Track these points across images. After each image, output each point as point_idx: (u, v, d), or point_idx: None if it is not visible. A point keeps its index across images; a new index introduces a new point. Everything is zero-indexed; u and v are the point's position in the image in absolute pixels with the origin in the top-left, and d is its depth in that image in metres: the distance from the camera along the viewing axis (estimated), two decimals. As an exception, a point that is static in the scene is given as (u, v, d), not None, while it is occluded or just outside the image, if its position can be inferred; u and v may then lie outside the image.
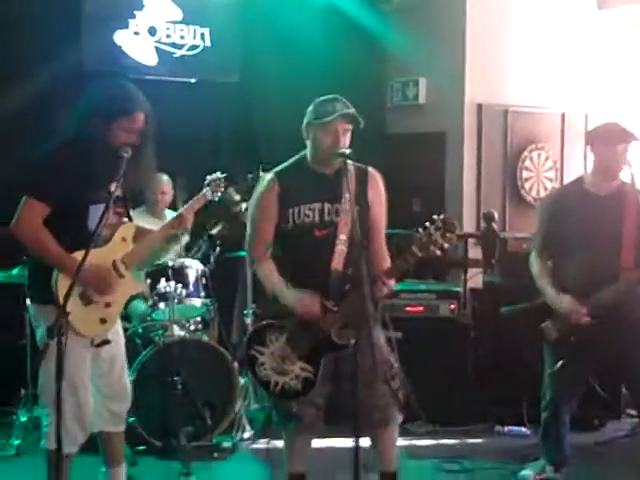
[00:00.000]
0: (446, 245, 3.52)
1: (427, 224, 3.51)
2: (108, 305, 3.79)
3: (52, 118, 5.64)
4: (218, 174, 4.53)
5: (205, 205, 4.45)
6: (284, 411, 3.85)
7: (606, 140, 4.26)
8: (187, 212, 4.16)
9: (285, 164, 3.89)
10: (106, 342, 3.84)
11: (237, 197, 5.43)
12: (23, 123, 5.61)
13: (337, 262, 3.70)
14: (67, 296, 3.22)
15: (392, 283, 3.67)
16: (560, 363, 4.30)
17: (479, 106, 6.90)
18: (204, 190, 4.43)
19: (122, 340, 4.03)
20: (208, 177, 4.52)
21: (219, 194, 4.56)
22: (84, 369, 3.78)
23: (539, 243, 4.47)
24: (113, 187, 3.59)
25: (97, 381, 3.90)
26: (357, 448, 3.25)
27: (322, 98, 3.78)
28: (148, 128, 3.81)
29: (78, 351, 3.64)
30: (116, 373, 3.95)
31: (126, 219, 3.96)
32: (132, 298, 4.67)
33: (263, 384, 3.82)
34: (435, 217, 3.51)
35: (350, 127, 3.71)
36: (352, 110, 3.71)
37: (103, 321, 3.80)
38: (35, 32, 5.69)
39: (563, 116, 7.22)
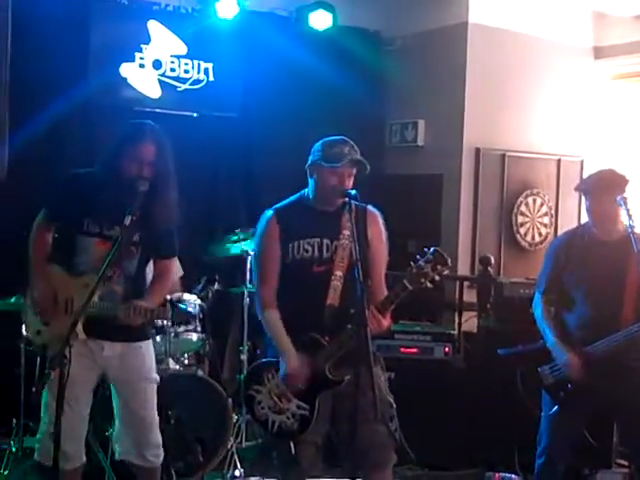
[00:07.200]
0: (437, 278, 3.53)
1: (418, 257, 3.53)
2: (46, 324, 3.85)
3: (60, 148, 5.66)
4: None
5: None
6: (284, 455, 3.79)
7: (600, 189, 4.20)
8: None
9: (285, 201, 3.92)
10: None
11: None
12: (32, 153, 5.58)
13: (332, 298, 3.70)
14: (73, 326, 3.22)
15: (387, 321, 3.65)
16: (556, 408, 4.30)
17: (477, 150, 6.93)
18: (160, 314, 4.00)
19: (136, 375, 4.05)
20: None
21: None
22: (79, 383, 3.76)
23: (544, 285, 4.47)
24: (128, 221, 3.56)
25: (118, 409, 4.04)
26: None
27: (330, 139, 3.80)
28: (161, 164, 3.79)
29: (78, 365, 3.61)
30: (130, 403, 4.02)
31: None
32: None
33: (262, 424, 3.81)
34: (426, 250, 3.53)
35: (354, 171, 3.75)
36: (359, 156, 3.73)
37: (37, 332, 3.88)
38: (43, 64, 5.69)
39: (559, 162, 7.27)
